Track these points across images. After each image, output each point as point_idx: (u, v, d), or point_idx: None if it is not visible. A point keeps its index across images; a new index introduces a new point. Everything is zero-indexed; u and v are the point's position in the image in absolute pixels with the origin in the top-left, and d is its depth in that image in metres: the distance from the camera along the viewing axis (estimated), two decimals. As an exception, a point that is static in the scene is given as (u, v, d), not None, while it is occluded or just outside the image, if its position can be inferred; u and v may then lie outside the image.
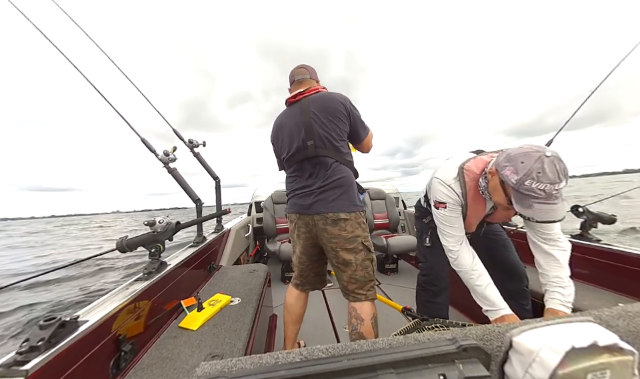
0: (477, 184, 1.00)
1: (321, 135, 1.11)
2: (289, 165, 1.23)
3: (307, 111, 1.13)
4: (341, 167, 1.13)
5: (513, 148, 0.83)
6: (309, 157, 1.13)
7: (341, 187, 1.11)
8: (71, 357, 0.65)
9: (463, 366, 0.34)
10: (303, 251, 1.22)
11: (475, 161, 1.01)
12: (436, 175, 1.09)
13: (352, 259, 1.09)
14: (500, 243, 1.27)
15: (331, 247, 1.11)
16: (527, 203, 0.77)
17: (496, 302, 0.95)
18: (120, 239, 1.03)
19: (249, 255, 2.86)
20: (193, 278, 1.43)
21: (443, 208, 1.05)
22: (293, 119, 1.17)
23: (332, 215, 1.08)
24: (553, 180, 0.72)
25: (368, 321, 1.08)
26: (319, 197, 1.11)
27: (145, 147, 1.42)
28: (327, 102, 1.14)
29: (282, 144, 1.23)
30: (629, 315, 0.48)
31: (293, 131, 1.16)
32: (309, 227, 1.14)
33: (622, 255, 1.31)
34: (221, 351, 0.89)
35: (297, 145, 1.15)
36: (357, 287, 1.10)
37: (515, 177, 0.77)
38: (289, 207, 1.25)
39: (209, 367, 0.41)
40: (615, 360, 0.32)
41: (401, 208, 3.46)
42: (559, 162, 0.73)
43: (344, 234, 1.08)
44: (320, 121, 1.12)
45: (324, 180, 1.11)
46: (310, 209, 1.12)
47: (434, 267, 1.31)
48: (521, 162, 0.76)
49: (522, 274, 1.22)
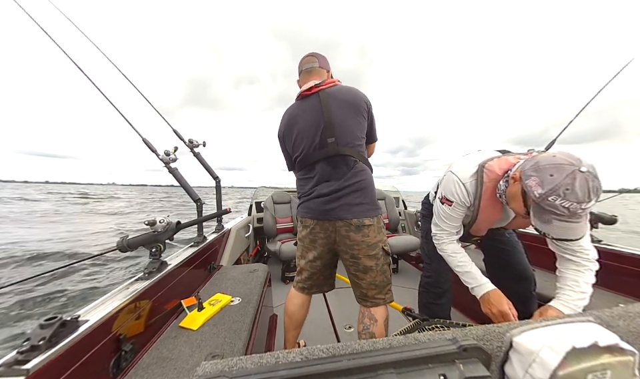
0: (496, 186, 0.92)
1: (344, 132, 1.02)
2: (303, 165, 1.12)
3: (327, 105, 1.02)
4: (363, 168, 1.06)
5: (544, 155, 0.74)
6: (329, 156, 1.03)
7: (364, 189, 1.04)
8: (71, 357, 0.65)
9: (463, 366, 0.34)
10: (318, 256, 1.13)
11: (499, 161, 0.92)
12: (452, 169, 1.01)
13: (373, 265, 1.04)
14: (509, 245, 1.23)
15: (352, 255, 1.05)
16: (545, 218, 0.71)
17: (477, 277, 1.01)
18: (120, 238, 1.04)
19: (249, 255, 2.86)
20: (193, 278, 1.43)
21: (447, 205, 1.02)
22: (309, 114, 1.06)
23: (356, 221, 1.01)
24: (581, 199, 0.64)
25: (382, 322, 1.06)
26: (341, 201, 1.02)
27: (147, 146, 1.42)
28: (350, 96, 1.04)
29: (296, 141, 1.11)
30: (630, 315, 0.48)
31: (310, 127, 1.05)
32: (328, 233, 1.07)
33: (622, 255, 1.31)
34: (221, 351, 0.89)
35: (315, 142, 1.04)
36: (377, 292, 1.07)
37: (539, 190, 0.69)
38: (304, 210, 1.14)
39: (210, 366, 0.41)
40: (615, 361, 0.32)
41: (401, 208, 3.46)
42: (593, 179, 0.65)
43: (367, 240, 1.02)
44: (342, 116, 1.02)
45: (345, 181, 1.03)
46: (331, 215, 1.03)
47: (439, 269, 1.26)
48: (550, 174, 0.68)
49: (530, 277, 1.19)
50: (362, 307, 1.10)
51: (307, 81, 1.11)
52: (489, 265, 1.33)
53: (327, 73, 1.16)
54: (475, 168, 0.95)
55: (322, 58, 1.16)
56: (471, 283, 1.02)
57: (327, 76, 1.15)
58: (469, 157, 1.02)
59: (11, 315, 3.19)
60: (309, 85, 1.07)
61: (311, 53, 1.16)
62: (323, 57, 1.16)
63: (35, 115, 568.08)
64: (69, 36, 1.71)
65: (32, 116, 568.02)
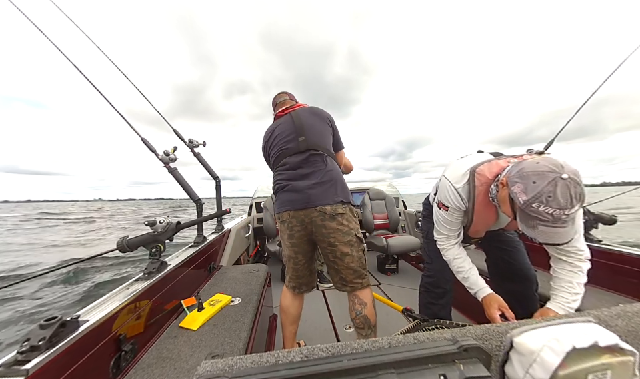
0: (488, 190, 0.94)
1: (313, 133, 1.22)
2: (277, 162, 1.26)
3: (298, 117, 1.25)
4: (332, 163, 1.22)
5: (529, 162, 0.76)
6: (301, 151, 1.19)
7: (334, 181, 1.17)
8: (71, 357, 0.65)
9: (463, 366, 0.34)
10: (299, 250, 1.22)
11: (490, 165, 0.94)
12: (445, 175, 1.05)
13: (349, 251, 1.14)
14: (510, 246, 1.23)
15: (329, 242, 1.13)
16: (531, 223, 0.73)
17: (476, 282, 1.03)
18: (120, 238, 1.04)
19: (249, 255, 2.86)
20: (193, 278, 1.43)
21: (444, 210, 1.06)
22: (284, 125, 1.27)
23: (329, 208, 1.12)
24: (563, 205, 0.66)
25: (370, 304, 1.16)
26: (314, 190, 1.13)
27: (146, 146, 1.42)
28: (315, 110, 1.30)
29: (272, 146, 1.28)
30: (628, 315, 0.48)
31: (285, 132, 1.25)
32: (304, 224, 1.15)
33: (622, 255, 1.31)
34: (221, 351, 0.89)
35: (289, 141, 1.22)
36: (355, 277, 1.16)
37: (523, 196, 0.72)
38: (280, 205, 1.21)
39: (210, 365, 0.41)
40: (615, 361, 0.32)
41: (401, 208, 3.46)
42: (575, 186, 0.66)
43: (341, 228, 1.13)
44: (310, 122, 1.24)
45: (317, 174, 1.16)
46: (307, 203, 1.12)
47: (440, 269, 1.26)
48: (533, 182, 0.70)
49: (532, 278, 1.19)
50: (350, 295, 1.20)
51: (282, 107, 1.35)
52: (491, 266, 1.33)
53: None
54: (466, 173, 0.98)
55: (292, 96, 1.42)
56: (472, 288, 1.05)
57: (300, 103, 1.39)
58: (461, 162, 1.05)
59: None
60: (283, 108, 1.32)
61: (283, 92, 1.41)
62: (292, 95, 1.42)
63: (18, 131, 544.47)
64: (69, 36, 1.69)
65: (15, 131, 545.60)
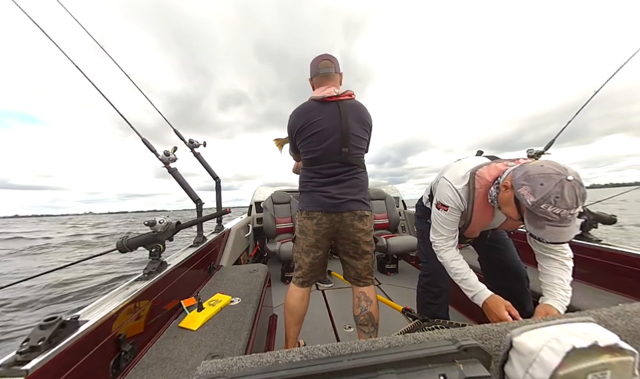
0: (487, 192, 0.97)
1: (355, 144, 1.21)
2: (314, 162, 1.23)
3: (346, 118, 1.18)
4: (364, 173, 1.29)
5: (532, 165, 0.79)
6: (342, 162, 1.21)
7: (364, 186, 1.27)
8: (71, 357, 0.65)
9: (463, 366, 0.34)
10: (321, 245, 1.26)
11: (489, 168, 0.97)
12: (444, 175, 1.07)
13: (369, 250, 1.26)
14: (501, 244, 1.27)
15: (353, 240, 1.23)
16: (539, 224, 0.76)
17: (474, 285, 1.04)
18: (120, 239, 1.03)
19: (249, 255, 2.86)
20: (193, 278, 1.43)
21: (443, 210, 1.06)
22: (329, 121, 1.18)
23: (359, 212, 1.22)
24: (570, 205, 0.70)
25: (375, 301, 1.26)
26: (349, 197, 1.21)
27: (146, 147, 1.42)
28: (362, 114, 1.23)
29: (312, 141, 1.21)
30: (627, 314, 0.48)
31: (328, 132, 1.18)
32: (334, 223, 1.21)
33: (622, 255, 1.31)
34: (220, 351, 0.89)
35: (331, 148, 1.19)
36: (368, 274, 1.27)
37: (531, 198, 0.75)
38: (311, 203, 1.22)
39: (210, 365, 0.41)
40: (615, 360, 0.32)
41: (401, 208, 3.46)
42: (579, 187, 0.71)
43: (366, 229, 1.24)
44: (356, 132, 1.21)
45: (352, 182, 1.23)
46: (341, 207, 1.20)
47: (436, 268, 1.29)
48: (540, 184, 0.73)
49: (523, 275, 1.22)
50: (356, 291, 1.28)
51: (323, 84, 1.23)
52: (484, 264, 1.36)
53: (340, 77, 1.29)
54: (466, 175, 1.01)
55: (336, 62, 1.26)
56: (469, 291, 1.04)
57: (340, 80, 1.29)
58: (460, 164, 1.08)
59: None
60: (329, 91, 1.18)
61: (327, 57, 1.25)
62: (336, 61, 1.26)
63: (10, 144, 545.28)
64: (69, 36, 1.70)
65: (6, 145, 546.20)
